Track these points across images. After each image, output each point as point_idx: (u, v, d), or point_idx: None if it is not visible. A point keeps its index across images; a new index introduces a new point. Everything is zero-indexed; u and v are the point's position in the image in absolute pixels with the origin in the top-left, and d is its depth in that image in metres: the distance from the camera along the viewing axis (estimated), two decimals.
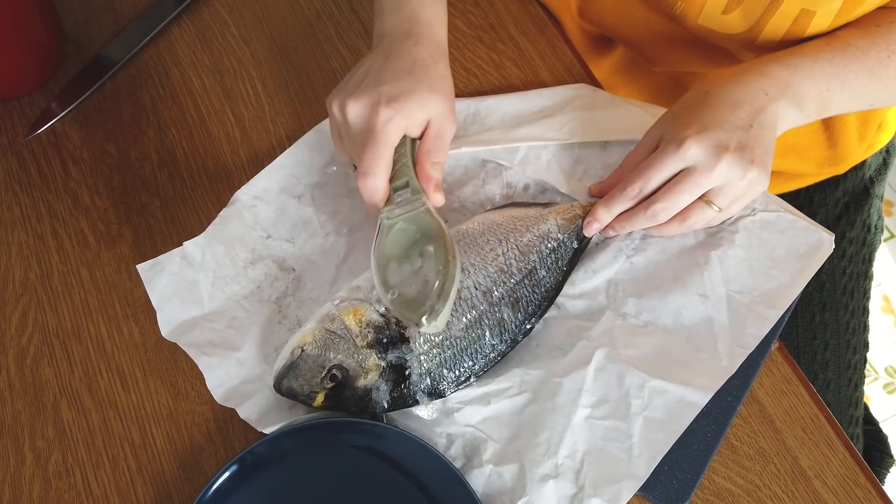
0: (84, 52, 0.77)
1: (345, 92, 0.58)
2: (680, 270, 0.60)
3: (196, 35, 0.78)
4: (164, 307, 0.62)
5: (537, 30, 0.75)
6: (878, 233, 0.86)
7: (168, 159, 0.71)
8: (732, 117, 0.56)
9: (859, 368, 0.83)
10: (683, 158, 0.56)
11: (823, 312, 0.81)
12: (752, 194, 0.58)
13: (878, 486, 0.56)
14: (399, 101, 0.56)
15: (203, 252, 0.64)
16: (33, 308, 0.65)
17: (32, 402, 0.61)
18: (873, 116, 0.79)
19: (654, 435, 0.55)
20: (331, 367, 0.55)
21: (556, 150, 0.66)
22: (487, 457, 0.56)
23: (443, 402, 0.58)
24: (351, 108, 0.57)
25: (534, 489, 0.54)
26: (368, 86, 0.57)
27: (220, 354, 0.60)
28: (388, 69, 0.58)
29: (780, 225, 0.62)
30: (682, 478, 0.56)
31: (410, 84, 0.57)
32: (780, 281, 0.60)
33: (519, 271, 0.59)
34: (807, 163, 0.80)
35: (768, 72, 0.59)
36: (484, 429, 0.57)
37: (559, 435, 0.56)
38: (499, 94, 0.70)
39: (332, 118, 0.60)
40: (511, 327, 0.58)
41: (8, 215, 0.69)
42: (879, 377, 1.54)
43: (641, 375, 0.57)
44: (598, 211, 0.60)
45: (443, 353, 0.56)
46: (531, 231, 0.60)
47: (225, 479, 0.55)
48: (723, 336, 0.58)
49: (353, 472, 0.56)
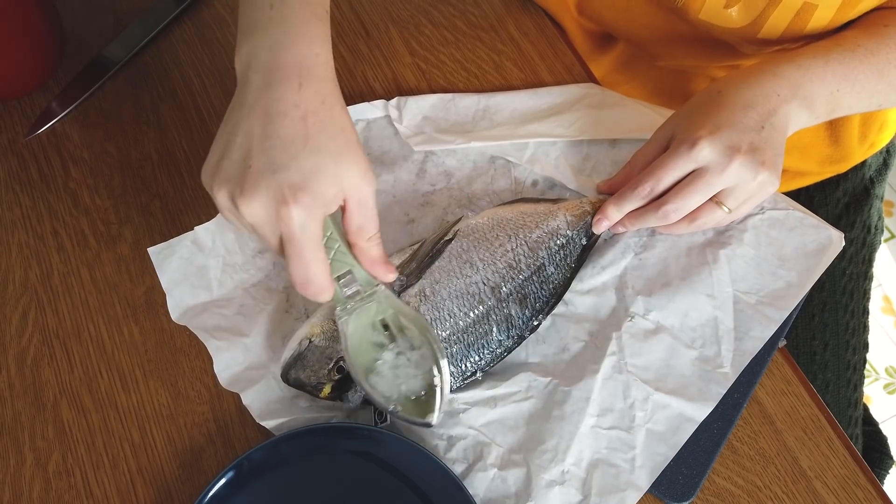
0: (84, 53, 0.77)
1: (228, 181, 0.47)
2: (689, 268, 0.61)
3: (196, 35, 0.78)
4: (173, 290, 0.63)
5: (537, 30, 0.75)
6: (879, 233, 0.86)
7: (168, 159, 0.71)
8: (745, 118, 0.56)
9: (859, 369, 0.83)
10: (696, 159, 0.56)
11: (823, 313, 0.81)
12: (761, 196, 0.58)
13: (879, 487, 0.56)
14: (307, 190, 0.46)
15: (213, 238, 0.64)
16: (33, 308, 0.65)
17: (33, 402, 0.61)
18: (875, 115, 0.79)
19: (656, 447, 0.56)
20: (338, 359, 0.55)
21: (565, 147, 0.67)
22: (492, 461, 0.56)
23: (448, 402, 0.58)
24: (247, 209, 0.46)
25: (539, 494, 0.54)
26: (260, 174, 0.46)
27: (228, 339, 0.61)
28: (275, 139, 0.47)
29: (789, 223, 0.62)
30: (687, 473, 0.56)
31: (312, 158, 0.47)
32: (787, 280, 0.60)
33: (527, 267, 0.59)
34: (808, 160, 0.80)
35: (780, 73, 0.59)
36: (488, 432, 0.57)
37: (566, 442, 0.56)
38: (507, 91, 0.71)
39: (221, 211, 0.49)
40: (518, 323, 0.58)
41: (8, 215, 0.69)
42: (880, 377, 1.54)
43: (646, 389, 0.57)
44: (608, 209, 0.60)
45: (450, 347, 0.57)
46: (540, 227, 0.60)
47: (222, 484, 0.55)
48: (727, 339, 0.58)
49: (351, 478, 0.56)
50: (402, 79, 0.73)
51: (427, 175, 0.67)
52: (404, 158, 0.68)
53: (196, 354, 0.62)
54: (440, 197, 0.66)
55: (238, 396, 0.60)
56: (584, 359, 0.59)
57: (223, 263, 0.64)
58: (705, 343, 0.59)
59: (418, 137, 0.68)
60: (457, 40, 0.75)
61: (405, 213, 0.66)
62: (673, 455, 0.55)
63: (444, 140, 0.67)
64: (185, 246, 0.64)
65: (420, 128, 0.69)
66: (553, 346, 0.60)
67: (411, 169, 0.67)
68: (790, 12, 0.63)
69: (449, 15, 0.76)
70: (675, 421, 0.56)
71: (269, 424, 0.58)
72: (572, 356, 0.59)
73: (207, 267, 0.64)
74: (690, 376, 0.58)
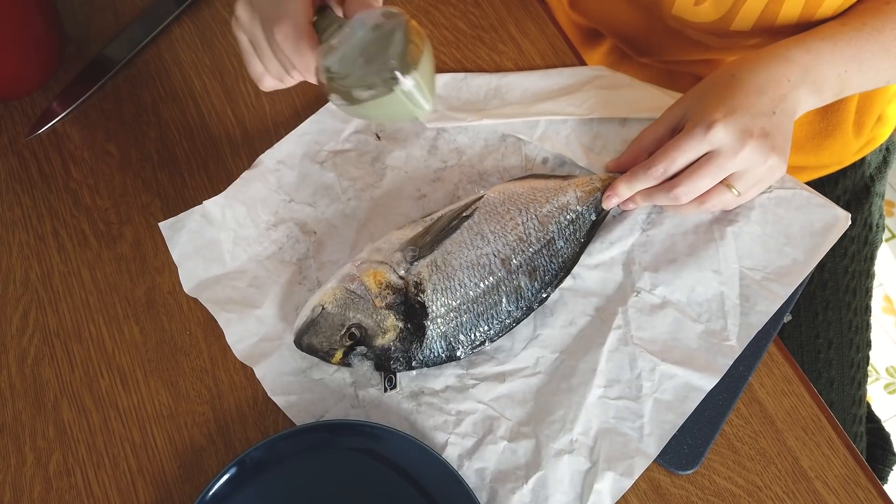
0: (85, 52, 0.77)
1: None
2: (696, 244, 0.62)
3: (197, 35, 0.78)
4: (185, 263, 0.64)
5: (538, 30, 0.75)
6: (880, 231, 0.86)
7: (169, 159, 0.71)
8: (758, 103, 0.57)
9: (862, 367, 0.83)
10: (711, 141, 0.56)
11: (826, 311, 0.81)
12: (769, 180, 0.60)
13: (879, 487, 0.56)
14: None
15: (223, 211, 0.65)
16: (34, 308, 0.65)
17: (33, 402, 0.61)
18: (872, 107, 0.79)
19: (664, 416, 0.57)
20: (350, 326, 0.57)
21: (575, 125, 0.68)
22: (501, 433, 0.57)
23: (459, 377, 0.59)
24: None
25: (549, 464, 0.56)
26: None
27: (239, 311, 0.62)
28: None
29: (796, 202, 0.63)
30: (692, 443, 0.57)
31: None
32: (793, 257, 0.61)
33: (537, 241, 0.60)
34: (802, 154, 0.80)
35: (791, 56, 0.59)
36: (497, 407, 0.58)
37: (574, 412, 0.57)
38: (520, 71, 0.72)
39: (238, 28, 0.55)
40: (527, 295, 0.59)
41: (9, 215, 0.69)
42: (881, 377, 1.54)
43: (653, 360, 0.58)
44: (618, 186, 0.61)
45: (459, 316, 0.58)
46: (550, 202, 0.61)
47: (224, 482, 0.55)
48: (733, 314, 0.59)
49: (351, 474, 0.56)
50: None
51: (439, 152, 0.68)
52: (416, 135, 0.69)
53: (196, 354, 0.62)
54: (451, 173, 0.67)
55: (238, 397, 0.60)
56: (590, 333, 0.60)
57: (234, 236, 0.65)
58: (711, 317, 0.59)
59: (431, 115, 0.69)
60: (457, 40, 0.75)
61: (417, 188, 0.67)
62: (681, 423, 0.56)
63: (456, 118, 0.69)
64: (194, 220, 0.65)
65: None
66: (560, 320, 0.61)
67: (423, 146, 0.68)
68: (759, 4, 0.64)
69: (449, 15, 0.76)
70: (683, 390, 0.57)
71: (280, 401, 0.59)
72: (579, 330, 0.60)
73: (219, 241, 0.65)
74: (697, 349, 0.59)
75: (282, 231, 0.65)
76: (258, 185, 0.67)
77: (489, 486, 0.56)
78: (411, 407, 0.58)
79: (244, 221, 0.65)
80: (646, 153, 0.62)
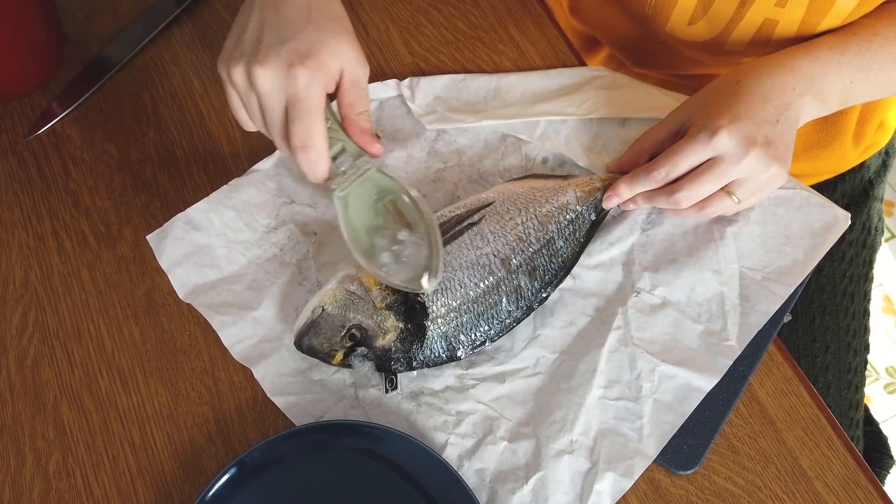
0: (84, 53, 0.77)
1: (243, 56, 0.52)
2: (695, 245, 0.62)
3: (196, 35, 0.78)
4: (175, 270, 0.64)
5: (537, 30, 0.75)
6: (879, 234, 0.86)
7: (168, 160, 0.71)
8: (762, 111, 0.57)
9: (860, 371, 0.83)
10: (714, 148, 0.56)
11: (824, 315, 0.81)
12: (770, 189, 0.60)
13: (879, 487, 0.56)
14: (313, 57, 0.51)
15: (209, 216, 0.65)
16: (34, 309, 0.65)
17: (33, 402, 0.61)
18: (873, 115, 0.79)
19: (664, 416, 0.57)
20: (350, 327, 0.57)
21: (575, 126, 0.68)
22: (501, 434, 0.57)
23: (459, 378, 0.59)
24: (261, 75, 0.51)
25: (549, 464, 0.56)
26: (271, 46, 0.51)
27: (234, 313, 0.62)
28: (282, 20, 0.52)
29: (796, 202, 0.63)
30: (692, 443, 0.57)
31: (315, 34, 0.52)
32: (793, 257, 0.61)
33: (537, 240, 0.60)
34: (798, 162, 0.80)
35: (797, 65, 0.59)
36: (497, 407, 0.58)
37: (574, 413, 0.57)
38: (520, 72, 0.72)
39: (232, 88, 0.54)
40: (527, 295, 0.59)
41: (8, 216, 0.69)
42: (880, 377, 1.54)
43: (652, 360, 0.58)
44: (619, 187, 0.61)
45: (459, 317, 0.58)
46: (550, 202, 0.61)
47: (223, 482, 0.55)
48: (732, 314, 0.59)
49: (351, 475, 0.56)
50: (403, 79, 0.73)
51: (439, 153, 0.68)
52: (416, 136, 0.69)
53: (196, 355, 0.62)
54: (451, 174, 0.67)
55: (238, 397, 0.60)
56: (590, 333, 0.60)
57: (227, 241, 0.65)
58: (711, 317, 0.60)
59: (430, 116, 0.69)
60: (457, 41, 0.75)
61: (417, 189, 0.66)
62: (680, 424, 0.56)
63: (455, 119, 0.69)
64: (177, 227, 0.65)
65: (432, 107, 0.70)
66: (560, 320, 0.61)
67: (423, 146, 0.68)
68: (752, 27, 0.64)
69: (449, 15, 0.76)
70: (683, 391, 0.57)
71: (279, 402, 0.59)
72: (579, 330, 0.60)
73: (211, 246, 0.64)
74: (696, 349, 0.59)
75: (282, 233, 0.65)
76: (252, 191, 0.66)
77: (489, 486, 0.56)
78: (411, 407, 0.58)
79: (236, 225, 0.65)
80: (647, 155, 0.62)
